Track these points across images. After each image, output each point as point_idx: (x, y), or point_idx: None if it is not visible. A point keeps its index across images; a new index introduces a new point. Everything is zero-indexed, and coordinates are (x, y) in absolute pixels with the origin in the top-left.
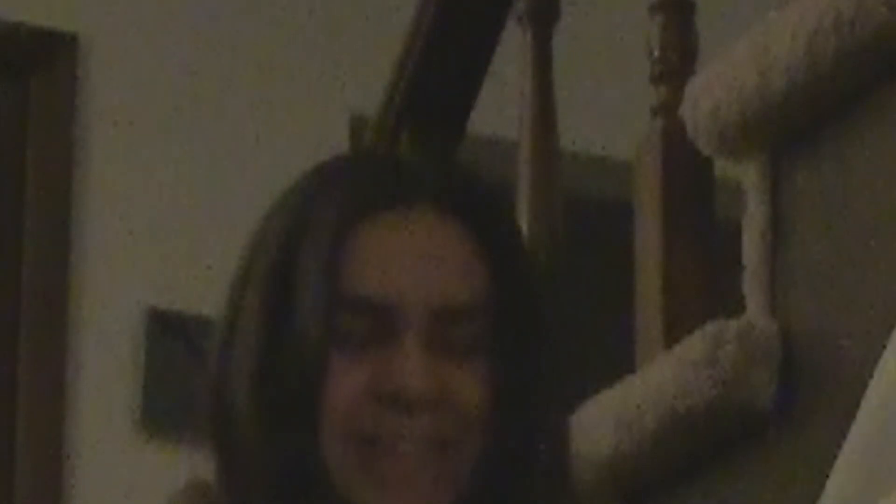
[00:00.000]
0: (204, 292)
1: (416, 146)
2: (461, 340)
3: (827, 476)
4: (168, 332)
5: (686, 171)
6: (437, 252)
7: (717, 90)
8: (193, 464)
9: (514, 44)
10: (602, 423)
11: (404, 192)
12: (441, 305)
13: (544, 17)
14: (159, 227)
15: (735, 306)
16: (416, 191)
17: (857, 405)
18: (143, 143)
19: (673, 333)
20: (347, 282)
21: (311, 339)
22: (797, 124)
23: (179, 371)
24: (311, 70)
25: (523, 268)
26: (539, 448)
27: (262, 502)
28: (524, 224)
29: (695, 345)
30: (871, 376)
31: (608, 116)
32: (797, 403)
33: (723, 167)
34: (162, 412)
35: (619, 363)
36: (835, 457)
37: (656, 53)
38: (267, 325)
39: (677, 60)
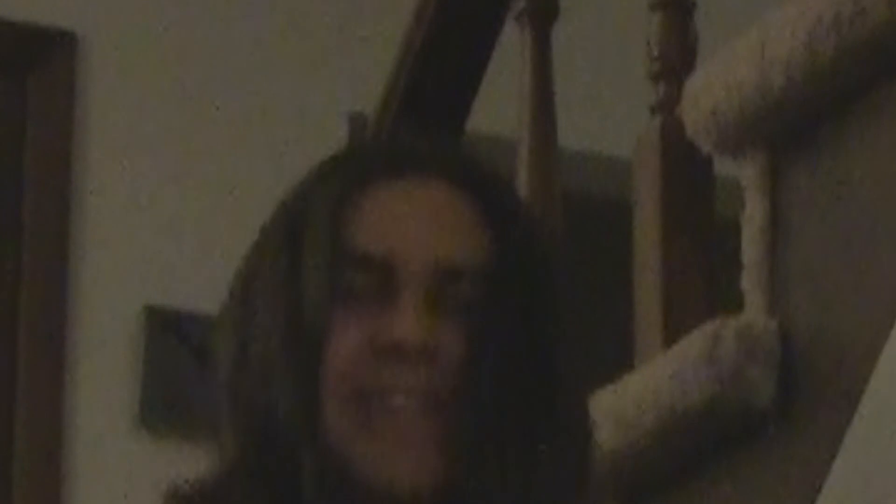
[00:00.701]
0: (202, 290)
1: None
2: (460, 300)
3: (826, 474)
4: (166, 329)
5: (685, 169)
6: (440, 213)
7: (716, 88)
8: (191, 460)
9: (513, 42)
10: (601, 422)
11: (409, 162)
12: (441, 264)
13: (543, 15)
14: (157, 225)
15: (734, 304)
16: (422, 162)
17: (856, 403)
18: (141, 141)
19: (672, 331)
20: (350, 239)
21: (315, 296)
22: (796, 122)
23: (177, 368)
24: (310, 68)
25: (527, 237)
26: (536, 419)
27: (264, 460)
28: None
29: (694, 343)
30: (870, 374)
31: (607, 114)
32: (796, 401)
33: (722, 165)
34: (160, 409)
35: (618, 361)
36: (834, 455)
37: (656, 51)
38: (283, 287)
39: (677, 58)
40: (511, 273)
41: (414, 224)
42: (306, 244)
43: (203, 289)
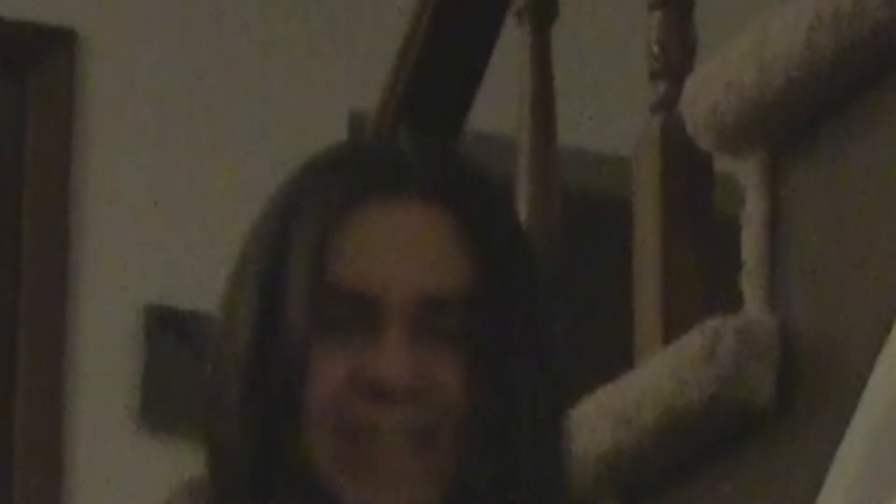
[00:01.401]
0: (201, 289)
1: (414, 142)
2: (448, 330)
3: (826, 471)
4: (166, 328)
5: (685, 168)
6: (424, 242)
7: (715, 86)
8: (191, 459)
9: (513, 40)
10: (600, 420)
11: (395, 181)
12: (426, 295)
13: (543, 13)
14: (157, 223)
15: (734, 302)
16: (407, 181)
17: (856, 400)
18: (142, 140)
19: (671, 329)
20: (333, 272)
21: (296, 330)
22: (796, 120)
23: (177, 367)
24: (310, 66)
25: (515, 259)
26: (528, 443)
27: (246, 493)
28: (523, 220)
29: (693, 341)
30: (869, 372)
31: (607, 113)
32: (796, 399)
33: (722, 163)
34: (160, 408)
35: (618, 359)
36: (834, 452)
37: (655, 50)
38: (257, 316)
39: (676, 57)
40: (501, 299)
41: (399, 256)
42: (289, 274)
43: (203, 288)
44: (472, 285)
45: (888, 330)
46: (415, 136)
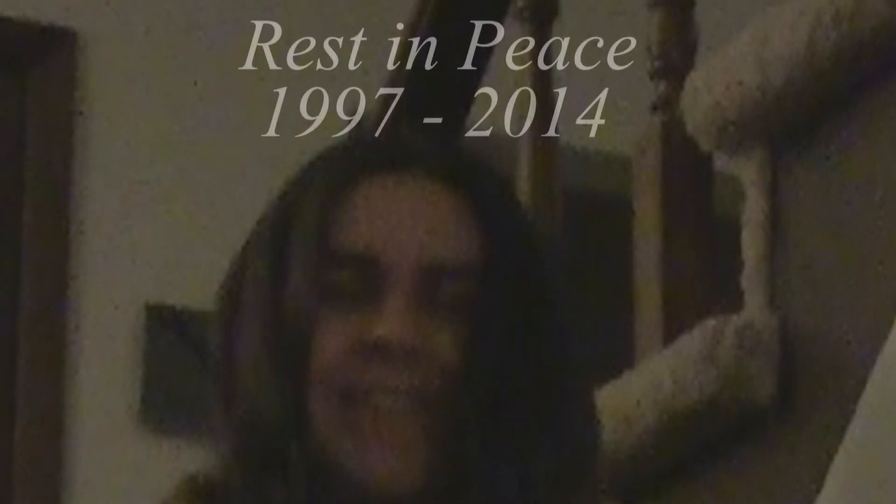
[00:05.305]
0: (202, 288)
1: (416, 128)
2: (449, 299)
3: (827, 471)
4: (166, 327)
5: (685, 167)
6: (428, 212)
7: (716, 85)
8: (192, 457)
9: (514, 38)
10: (600, 419)
11: (398, 158)
12: (429, 263)
13: (543, 12)
14: (158, 222)
15: (734, 302)
16: (410, 157)
17: (856, 400)
18: (142, 139)
19: (672, 329)
20: (337, 238)
21: (302, 295)
22: (796, 120)
23: (178, 366)
24: (309, 67)
25: (517, 232)
26: (524, 412)
27: (255, 458)
28: None
29: (694, 340)
30: (869, 372)
31: (608, 112)
32: (796, 399)
33: (722, 163)
34: (161, 407)
35: (618, 359)
36: (834, 452)
37: (655, 49)
38: (268, 284)
39: (677, 56)
40: (501, 270)
41: (401, 222)
42: (293, 242)
43: (204, 286)
44: (473, 256)
45: (888, 330)
46: (416, 125)
